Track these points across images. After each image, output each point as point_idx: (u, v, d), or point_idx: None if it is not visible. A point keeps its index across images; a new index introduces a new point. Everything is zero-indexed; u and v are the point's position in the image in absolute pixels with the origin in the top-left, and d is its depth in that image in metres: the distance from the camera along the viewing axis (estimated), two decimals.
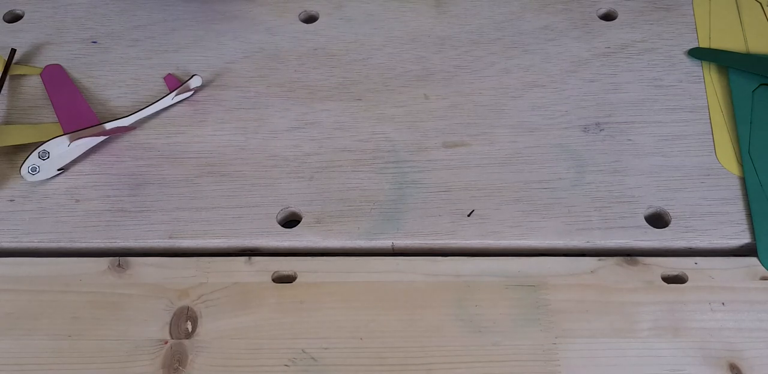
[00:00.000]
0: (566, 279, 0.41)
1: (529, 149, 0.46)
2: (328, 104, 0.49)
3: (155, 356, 0.39)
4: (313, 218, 0.43)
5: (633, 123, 0.47)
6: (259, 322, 0.40)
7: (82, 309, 0.40)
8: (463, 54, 0.51)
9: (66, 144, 0.44)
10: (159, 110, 0.48)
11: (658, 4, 0.53)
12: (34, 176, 0.44)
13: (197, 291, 0.41)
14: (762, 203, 0.43)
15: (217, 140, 0.47)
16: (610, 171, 0.45)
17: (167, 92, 0.48)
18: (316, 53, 0.51)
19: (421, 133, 0.47)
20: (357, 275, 0.41)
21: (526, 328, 0.39)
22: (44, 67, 0.51)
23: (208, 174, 0.46)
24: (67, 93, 0.49)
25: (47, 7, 0.54)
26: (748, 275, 0.41)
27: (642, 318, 0.39)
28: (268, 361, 0.38)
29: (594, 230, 0.42)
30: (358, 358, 0.38)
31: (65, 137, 0.45)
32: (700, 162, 0.45)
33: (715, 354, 0.38)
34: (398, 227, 0.43)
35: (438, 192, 0.44)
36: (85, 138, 0.45)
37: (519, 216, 0.43)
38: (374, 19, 0.53)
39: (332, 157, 0.46)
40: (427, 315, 0.40)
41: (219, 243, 0.43)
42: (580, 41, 0.51)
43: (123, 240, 0.43)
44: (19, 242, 0.43)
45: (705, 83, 0.49)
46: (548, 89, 0.49)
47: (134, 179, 0.45)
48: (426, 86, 0.49)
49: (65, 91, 0.49)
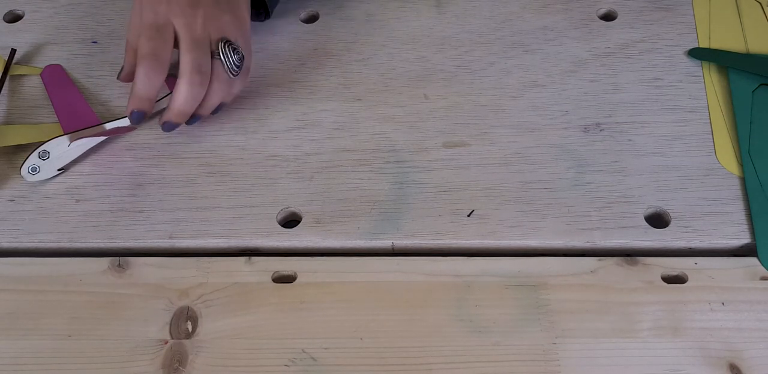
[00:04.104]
0: (566, 279, 0.41)
1: (529, 149, 0.46)
2: (328, 104, 0.49)
3: (155, 356, 0.39)
4: (313, 218, 0.43)
5: (633, 123, 0.47)
6: (259, 322, 0.40)
7: (82, 309, 0.40)
8: (463, 54, 0.51)
9: (66, 144, 0.44)
10: (159, 110, 0.48)
11: (658, 4, 0.53)
12: (34, 176, 0.44)
13: (197, 291, 0.41)
14: (762, 203, 0.43)
15: (217, 140, 0.47)
16: (610, 171, 0.45)
17: (167, 92, 0.48)
18: (316, 53, 0.51)
19: (421, 133, 0.47)
20: (357, 275, 0.41)
21: (526, 328, 0.39)
22: (44, 67, 0.51)
23: (208, 174, 0.46)
24: (67, 93, 0.49)
25: (47, 7, 0.54)
26: (748, 275, 0.41)
27: (642, 318, 0.39)
28: (268, 361, 0.38)
29: (594, 230, 0.42)
30: (358, 358, 0.38)
31: (65, 137, 0.45)
32: (700, 162, 0.45)
33: (715, 354, 0.38)
34: (398, 227, 0.43)
35: (438, 192, 0.44)
36: (85, 138, 0.45)
37: (519, 216, 0.43)
38: (374, 19, 0.53)
39: (332, 157, 0.46)
40: (427, 315, 0.40)
41: (219, 243, 0.43)
42: (580, 41, 0.51)
43: (123, 240, 0.43)
44: (19, 242, 0.43)
45: (705, 83, 0.49)
46: (548, 89, 0.49)
47: (134, 179, 0.45)
48: (426, 86, 0.49)
49: (65, 92, 0.49)
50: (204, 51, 0.43)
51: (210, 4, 0.43)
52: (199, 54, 0.43)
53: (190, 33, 0.42)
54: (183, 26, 0.42)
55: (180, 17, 0.42)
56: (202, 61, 0.43)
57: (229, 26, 0.44)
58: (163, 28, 0.42)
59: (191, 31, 0.43)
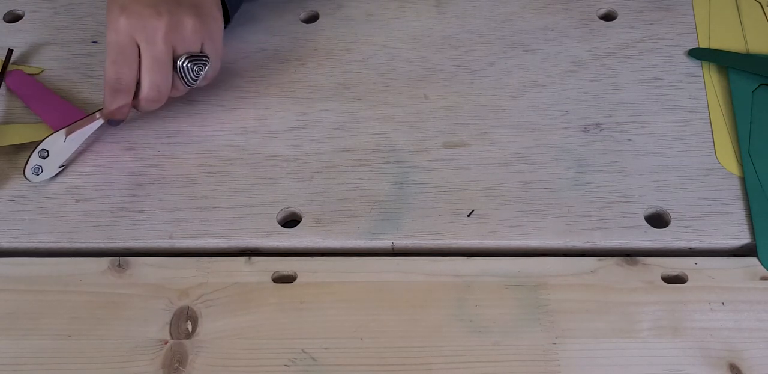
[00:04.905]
0: (566, 279, 0.41)
1: (529, 149, 0.46)
2: (328, 104, 0.49)
3: (155, 356, 0.39)
4: (313, 218, 0.43)
5: (633, 123, 0.47)
6: (259, 322, 0.40)
7: (82, 309, 0.40)
8: (463, 54, 0.51)
9: (62, 139, 0.44)
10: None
11: (658, 4, 0.53)
12: (39, 176, 0.44)
13: (197, 291, 0.41)
14: (762, 203, 0.43)
15: (217, 140, 0.47)
16: (610, 171, 0.45)
17: None
18: (316, 53, 0.51)
19: (421, 133, 0.47)
20: (357, 275, 0.41)
21: (526, 328, 0.39)
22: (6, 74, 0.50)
23: (208, 174, 0.46)
24: (40, 94, 0.49)
25: (47, 7, 0.54)
26: (748, 275, 0.41)
27: (642, 318, 0.39)
28: (268, 361, 0.38)
29: (594, 230, 0.42)
30: (358, 358, 0.38)
31: (60, 132, 0.44)
32: (700, 162, 0.45)
33: (715, 354, 0.38)
34: (398, 227, 0.43)
35: (438, 192, 0.44)
36: (78, 131, 0.45)
37: (519, 216, 0.43)
38: (374, 19, 0.53)
39: (332, 157, 0.46)
40: (427, 315, 0.40)
41: (219, 243, 0.43)
42: (580, 41, 0.51)
43: (123, 240, 0.43)
44: (19, 242, 0.43)
45: (705, 83, 0.49)
46: (548, 89, 0.49)
47: (134, 179, 0.45)
48: (426, 86, 0.49)
49: (38, 94, 0.49)
50: (165, 70, 0.43)
51: (173, 9, 0.42)
52: (159, 75, 0.43)
53: (151, 51, 0.42)
54: (144, 42, 0.42)
55: (141, 32, 0.41)
56: (161, 81, 0.43)
57: (194, 35, 0.43)
58: (125, 49, 0.42)
59: (152, 48, 0.42)
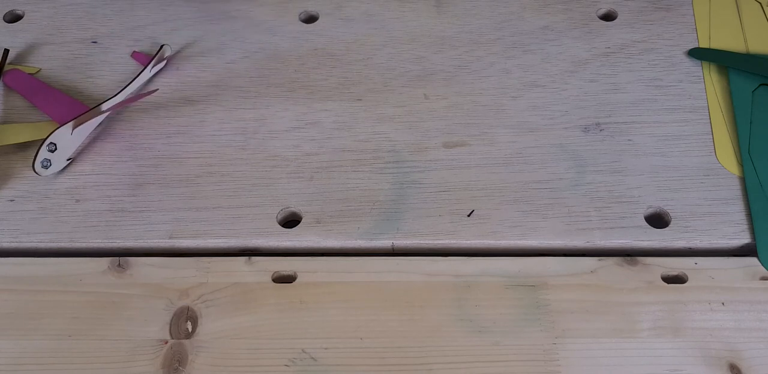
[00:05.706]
0: (566, 279, 0.41)
1: (529, 149, 0.46)
2: (328, 104, 0.49)
3: (155, 356, 0.39)
4: (313, 218, 0.43)
5: (633, 123, 0.47)
6: (259, 322, 0.40)
7: (82, 309, 0.40)
8: (463, 54, 0.51)
9: (69, 132, 0.45)
10: (143, 83, 0.49)
11: (658, 4, 0.53)
12: (48, 170, 0.44)
13: (197, 291, 0.41)
14: (762, 203, 0.43)
15: (217, 140, 0.47)
16: (610, 171, 0.45)
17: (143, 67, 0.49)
18: (316, 53, 0.51)
19: (421, 133, 0.47)
20: (357, 275, 0.41)
21: (526, 328, 0.39)
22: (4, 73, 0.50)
23: (208, 174, 0.46)
24: (42, 91, 0.49)
25: (47, 7, 0.54)
26: (748, 275, 0.41)
27: (642, 318, 0.39)
28: (268, 361, 0.38)
29: (594, 230, 0.42)
30: (358, 358, 0.38)
31: (67, 125, 0.44)
32: (700, 162, 0.45)
33: (715, 354, 0.38)
34: (398, 227, 0.43)
35: (438, 192, 0.44)
36: (84, 123, 0.45)
37: (519, 216, 0.43)
38: (374, 19, 0.53)
39: (332, 157, 0.46)
40: (427, 315, 0.40)
41: (219, 243, 0.43)
42: (580, 41, 0.51)
43: (123, 240, 0.43)
44: (19, 242, 0.43)
45: (705, 83, 0.49)
46: (548, 89, 0.49)
47: (134, 179, 0.45)
48: (426, 86, 0.49)
49: (39, 91, 0.49)
50: None
51: None
52: None
53: None
54: None
55: None
56: None
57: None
58: None
59: None
